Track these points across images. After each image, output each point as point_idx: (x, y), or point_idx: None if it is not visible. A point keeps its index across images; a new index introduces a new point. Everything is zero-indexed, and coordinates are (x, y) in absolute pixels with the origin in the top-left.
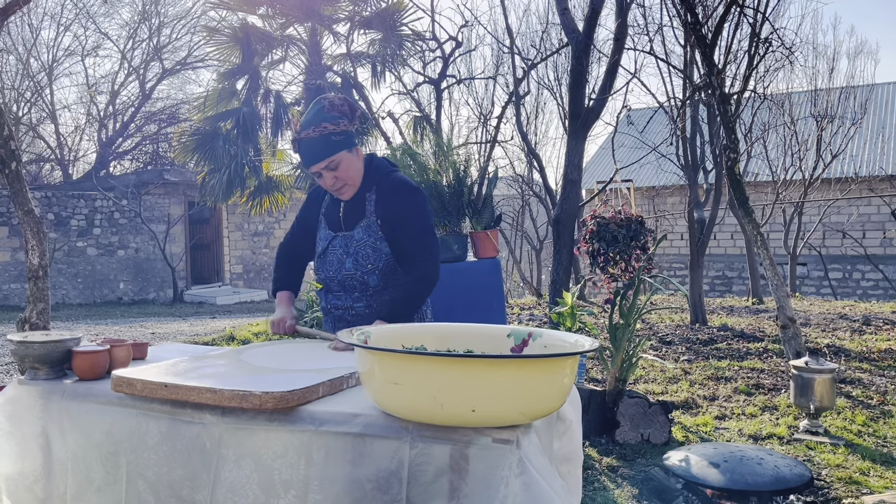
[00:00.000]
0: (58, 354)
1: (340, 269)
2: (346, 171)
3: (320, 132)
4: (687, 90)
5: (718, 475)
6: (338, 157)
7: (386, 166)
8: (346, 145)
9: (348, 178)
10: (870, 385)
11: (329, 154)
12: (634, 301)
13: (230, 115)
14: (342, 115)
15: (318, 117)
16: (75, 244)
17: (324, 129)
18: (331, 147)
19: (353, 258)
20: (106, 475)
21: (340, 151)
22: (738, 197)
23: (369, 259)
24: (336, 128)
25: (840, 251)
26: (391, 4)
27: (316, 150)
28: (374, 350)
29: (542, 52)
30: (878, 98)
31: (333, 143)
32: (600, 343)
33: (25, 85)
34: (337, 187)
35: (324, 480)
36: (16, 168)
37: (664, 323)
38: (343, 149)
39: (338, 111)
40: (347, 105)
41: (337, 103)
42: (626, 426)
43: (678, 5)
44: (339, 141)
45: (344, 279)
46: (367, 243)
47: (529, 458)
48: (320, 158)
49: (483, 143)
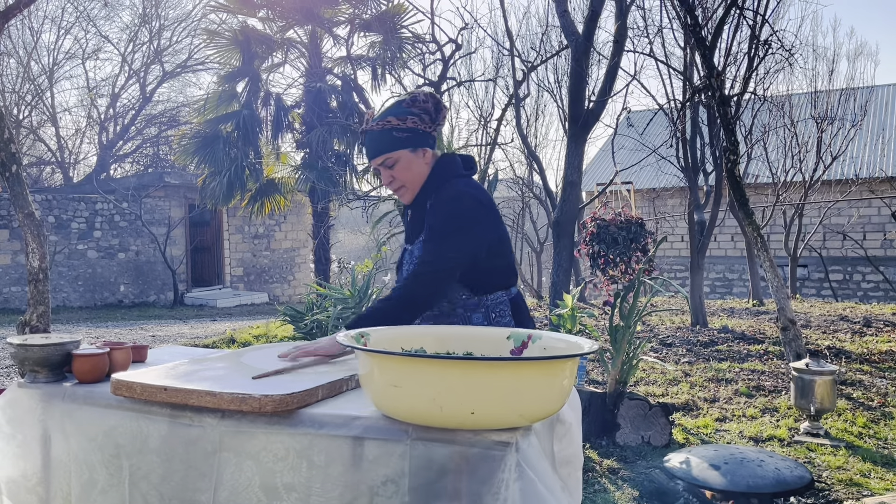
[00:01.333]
0: (57, 357)
1: None
2: (405, 172)
3: (383, 126)
4: (687, 92)
5: (719, 477)
6: (396, 154)
7: (453, 170)
8: (410, 144)
9: (406, 179)
10: (870, 387)
11: (387, 150)
12: (635, 303)
13: (230, 118)
14: (423, 111)
15: (389, 111)
16: (76, 247)
17: (387, 123)
18: (391, 143)
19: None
20: (109, 477)
21: (401, 149)
22: (738, 199)
23: None
24: (402, 123)
25: (840, 253)
26: (391, 7)
27: (375, 145)
28: (373, 353)
29: (541, 55)
30: (878, 100)
31: (394, 140)
32: (600, 345)
33: (26, 88)
34: (395, 187)
35: (325, 483)
36: (16, 171)
37: (664, 325)
38: (405, 147)
39: (419, 107)
40: (433, 102)
41: (420, 99)
42: (627, 428)
43: (678, 7)
44: (402, 138)
45: None
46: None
47: (529, 460)
48: (378, 154)
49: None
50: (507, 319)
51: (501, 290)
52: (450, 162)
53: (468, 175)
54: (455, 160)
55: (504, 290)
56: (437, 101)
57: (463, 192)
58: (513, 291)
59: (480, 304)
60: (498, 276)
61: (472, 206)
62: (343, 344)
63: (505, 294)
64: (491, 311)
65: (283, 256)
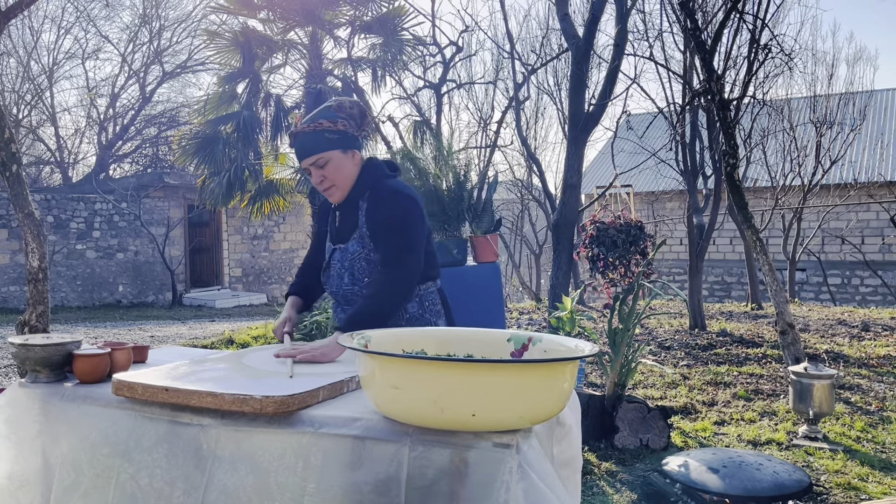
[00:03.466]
0: (59, 357)
1: (341, 283)
2: (336, 172)
3: (314, 128)
4: (686, 96)
5: (717, 481)
6: (328, 154)
7: (381, 171)
8: (340, 145)
9: (337, 179)
10: (868, 391)
11: (319, 150)
12: (633, 306)
13: (230, 119)
14: (349, 117)
15: (319, 114)
16: (74, 247)
17: (318, 125)
18: (323, 144)
19: (350, 272)
20: (95, 478)
21: (332, 150)
22: (737, 202)
23: (365, 272)
24: (333, 125)
25: (839, 257)
26: (392, 9)
27: (308, 146)
28: (374, 354)
29: (542, 58)
30: (876, 104)
31: (326, 140)
32: (600, 348)
33: (26, 88)
34: (325, 187)
35: (320, 483)
36: (16, 171)
37: (663, 328)
38: (336, 148)
39: (345, 113)
40: (357, 109)
41: (346, 105)
42: (625, 431)
43: (678, 11)
44: (334, 139)
45: (346, 294)
46: (361, 256)
47: (530, 462)
48: (310, 153)
49: (483, 147)
50: (438, 307)
51: (431, 280)
52: (376, 165)
53: (394, 176)
54: (380, 163)
55: (433, 280)
56: (362, 109)
57: (401, 191)
58: (438, 283)
59: (415, 294)
60: (428, 267)
61: (413, 203)
62: (345, 346)
63: (434, 285)
64: (424, 301)
65: (282, 257)
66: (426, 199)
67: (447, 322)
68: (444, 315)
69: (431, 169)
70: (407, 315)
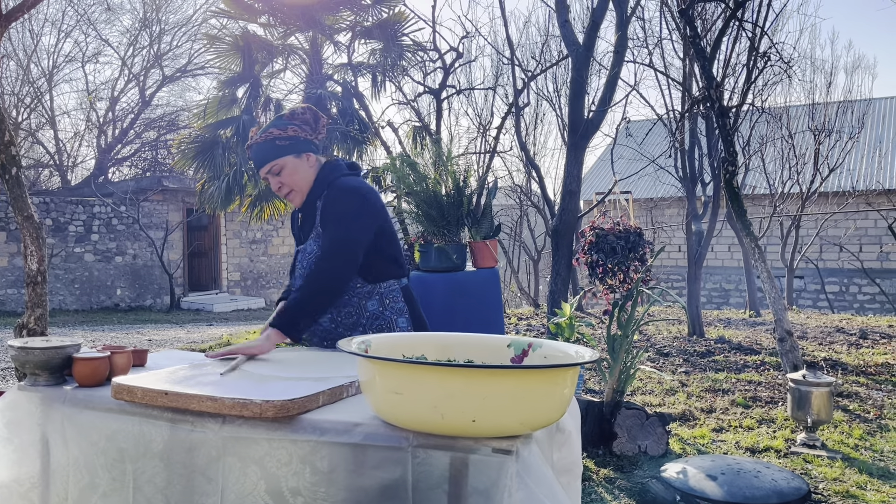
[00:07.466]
0: (58, 361)
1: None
2: (291, 177)
3: (265, 137)
4: (686, 103)
5: (716, 488)
6: (281, 161)
7: (336, 171)
8: (293, 150)
9: (293, 183)
10: (867, 399)
11: (271, 158)
12: (632, 312)
13: (230, 123)
14: (302, 122)
15: (270, 124)
16: (73, 250)
17: (269, 135)
18: (274, 151)
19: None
20: (112, 481)
21: (284, 156)
22: (735, 210)
23: None
24: (283, 133)
25: (837, 264)
26: (392, 14)
27: (261, 155)
28: (375, 360)
29: (541, 64)
30: (875, 112)
31: (277, 148)
32: (599, 354)
33: (25, 90)
34: (284, 193)
35: (330, 488)
36: (16, 173)
37: (662, 334)
38: (288, 154)
39: (298, 119)
40: (311, 114)
41: (298, 112)
42: (624, 438)
43: (678, 19)
44: (285, 146)
45: None
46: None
47: (530, 468)
48: (264, 162)
49: (482, 153)
50: (400, 304)
51: (393, 279)
52: (335, 165)
53: (353, 174)
54: (339, 163)
55: (395, 279)
56: (316, 113)
57: (350, 186)
58: (403, 282)
59: (374, 291)
60: (388, 265)
61: (360, 197)
62: (344, 351)
63: (396, 283)
64: (385, 298)
65: (281, 262)
66: (426, 204)
67: (412, 320)
68: (409, 313)
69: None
70: (367, 313)
